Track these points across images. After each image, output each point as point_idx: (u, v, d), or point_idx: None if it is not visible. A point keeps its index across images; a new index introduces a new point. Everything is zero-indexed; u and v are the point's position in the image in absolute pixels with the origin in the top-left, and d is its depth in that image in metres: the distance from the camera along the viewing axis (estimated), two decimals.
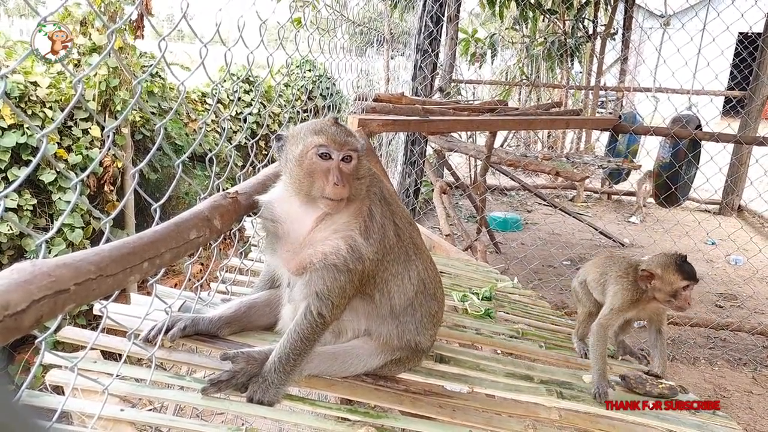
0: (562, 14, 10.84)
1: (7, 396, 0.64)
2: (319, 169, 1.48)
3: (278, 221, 1.58)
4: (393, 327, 1.68)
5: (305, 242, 1.54)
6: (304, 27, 2.74)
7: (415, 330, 1.71)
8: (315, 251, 1.51)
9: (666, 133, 5.24)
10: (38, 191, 4.05)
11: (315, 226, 1.54)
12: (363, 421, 1.48)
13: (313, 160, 1.48)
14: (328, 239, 1.51)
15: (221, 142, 2.01)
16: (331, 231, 1.52)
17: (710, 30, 5.27)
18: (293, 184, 1.51)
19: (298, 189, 1.50)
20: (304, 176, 1.48)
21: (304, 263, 1.52)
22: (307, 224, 1.55)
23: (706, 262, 7.27)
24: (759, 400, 4.41)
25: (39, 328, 0.97)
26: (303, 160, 1.49)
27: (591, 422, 1.72)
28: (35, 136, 3.87)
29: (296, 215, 1.56)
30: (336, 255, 1.48)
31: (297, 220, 1.55)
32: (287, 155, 1.54)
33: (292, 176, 1.51)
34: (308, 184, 1.48)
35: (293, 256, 1.55)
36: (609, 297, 2.19)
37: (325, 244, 1.51)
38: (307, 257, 1.51)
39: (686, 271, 2.04)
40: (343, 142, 1.50)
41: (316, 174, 1.48)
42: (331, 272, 1.49)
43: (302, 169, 1.49)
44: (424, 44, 6.85)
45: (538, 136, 12.25)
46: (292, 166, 1.51)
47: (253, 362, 1.51)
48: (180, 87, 1.62)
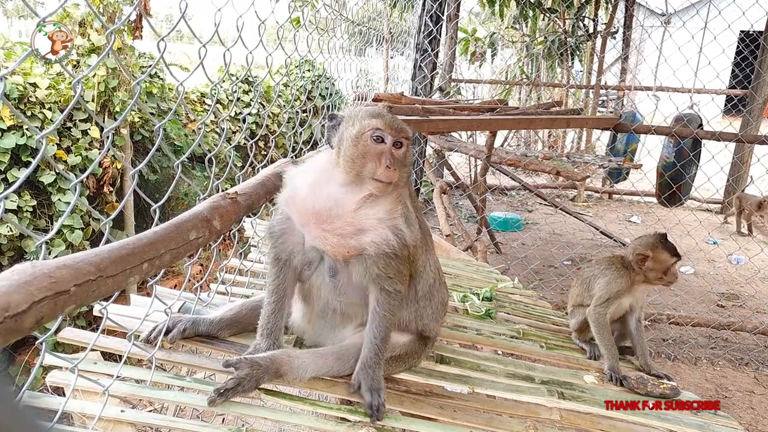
0: (562, 13, 10.83)
1: (9, 397, 0.63)
2: (372, 151, 1.51)
3: (316, 196, 1.57)
4: (413, 310, 1.76)
5: (346, 224, 1.53)
6: (303, 27, 2.73)
7: (432, 315, 1.80)
8: (365, 241, 1.53)
9: (667, 133, 5.23)
10: (38, 192, 4.05)
11: (357, 208, 1.54)
12: (363, 421, 1.47)
13: (367, 142, 1.51)
14: (376, 229, 1.54)
15: (220, 142, 2.01)
16: (377, 219, 1.55)
17: (711, 28, 5.26)
18: (346, 162, 1.52)
19: (350, 167, 1.51)
20: (358, 156, 1.51)
21: (353, 250, 1.53)
22: (349, 205, 1.54)
23: (707, 262, 7.27)
24: (761, 400, 4.41)
25: (39, 329, 0.96)
26: (359, 140, 1.52)
27: (592, 423, 1.71)
28: (35, 137, 3.88)
29: (337, 194, 1.55)
30: (387, 245, 1.53)
31: (337, 200, 1.55)
32: (342, 134, 1.56)
33: (345, 155, 1.52)
34: (360, 164, 1.50)
35: (334, 238, 1.54)
36: (600, 288, 2.33)
37: (374, 234, 1.53)
38: (358, 244, 1.53)
39: (672, 248, 2.29)
40: (397, 128, 1.55)
41: (368, 155, 1.51)
42: (383, 259, 1.54)
43: (357, 150, 1.51)
44: (423, 43, 6.84)
45: (539, 136, 12.24)
46: (348, 145, 1.52)
47: (257, 367, 1.49)
48: (179, 87, 1.61)
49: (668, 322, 4.98)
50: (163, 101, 5.17)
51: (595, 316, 2.28)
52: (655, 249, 2.28)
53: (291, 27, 2.63)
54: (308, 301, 1.72)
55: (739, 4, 5.02)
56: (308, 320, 1.74)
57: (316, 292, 1.67)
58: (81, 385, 1.41)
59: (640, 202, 9.99)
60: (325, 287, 1.65)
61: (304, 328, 1.77)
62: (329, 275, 1.62)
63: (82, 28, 4.32)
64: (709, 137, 5.22)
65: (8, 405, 0.55)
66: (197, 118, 5.43)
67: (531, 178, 10.78)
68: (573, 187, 10.52)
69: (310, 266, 1.65)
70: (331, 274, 1.61)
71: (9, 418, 0.51)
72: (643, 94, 10.11)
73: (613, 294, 2.28)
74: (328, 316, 1.71)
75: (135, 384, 1.50)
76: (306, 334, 1.78)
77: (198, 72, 1.71)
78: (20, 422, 0.52)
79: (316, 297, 1.68)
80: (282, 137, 6.02)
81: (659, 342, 5.15)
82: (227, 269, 2.19)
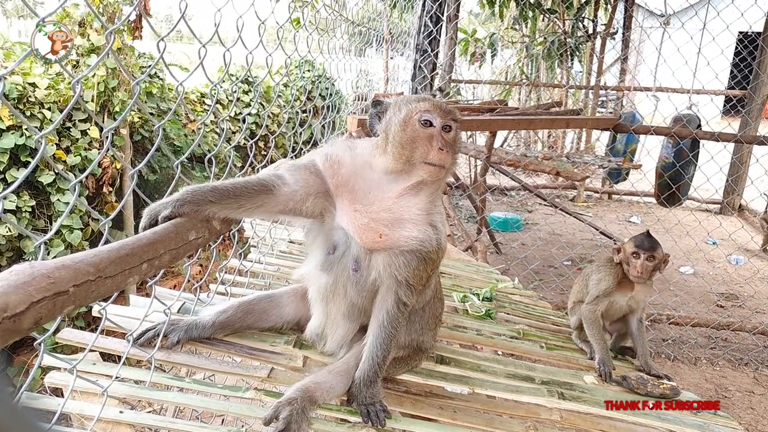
0: (561, 14, 10.83)
1: (7, 398, 0.63)
2: (422, 135, 1.47)
3: (358, 175, 1.51)
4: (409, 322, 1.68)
5: (384, 209, 1.48)
6: (303, 27, 2.73)
7: (420, 329, 1.73)
8: (401, 235, 1.46)
9: (666, 133, 5.23)
10: (37, 192, 4.05)
11: (398, 195, 1.49)
12: (363, 422, 1.47)
13: (416, 126, 1.47)
14: (415, 222, 1.48)
15: (220, 142, 2.01)
16: (418, 210, 1.49)
17: (710, 29, 5.26)
18: (395, 148, 1.46)
19: (399, 153, 1.46)
20: (407, 141, 1.46)
21: (385, 240, 1.46)
22: (390, 191, 1.49)
23: (707, 262, 7.27)
24: (760, 400, 4.40)
25: (38, 330, 0.96)
26: (407, 125, 1.47)
27: (592, 423, 1.71)
28: (34, 137, 3.87)
29: (379, 180, 1.50)
30: (422, 243, 1.47)
31: (378, 185, 1.50)
32: (389, 120, 1.51)
33: (394, 141, 1.47)
34: (410, 150, 1.46)
35: (365, 219, 1.48)
36: (593, 284, 2.38)
37: (412, 228, 1.47)
38: (392, 235, 1.46)
39: (639, 240, 2.30)
40: (446, 110, 1.51)
41: (418, 140, 1.46)
42: (414, 259, 1.47)
43: (405, 134, 1.47)
44: (423, 44, 6.84)
45: (538, 136, 12.24)
46: (396, 131, 1.48)
47: (294, 402, 1.41)
48: (179, 88, 1.61)
49: (668, 322, 4.98)
50: (163, 101, 5.17)
51: (586, 312, 2.34)
52: (628, 241, 2.34)
53: (291, 27, 2.63)
54: (332, 299, 1.60)
55: (737, 5, 5.03)
56: (332, 324, 1.63)
57: (341, 289, 1.56)
58: (80, 386, 1.41)
59: (640, 203, 9.99)
60: (349, 283, 1.55)
61: (327, 333, 1.66)
62: (353, 268, 1.52)
63: (82, 28, 4.32)
64: (708, 138, 5.22)
65: (7, 406, 0.55)
66: (197, 118, 5.42)
67: (531, 179, 10.77)
68: (573, 188, 10.52)
69: (334, 251, 1.54)
70: (355, 267, 1.52)
71: (8, 418, 0.51)
72: (642, 94, 10.11)
73: (603, 291, 2.32)
74: (354, 316, 1.61)
75: (134, 385, 1.50)
76: (327, 340, 1.68)
77: (198, 72, 1.71)
78: (19, 423, 0.52)
79: (341, 295, 1.57)
80: (282, 137, 6.02)
81: (659, 342, 5.15)
82: (227, 270, 2.19)
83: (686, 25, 5.18)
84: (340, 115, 5.07)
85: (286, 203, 1.50)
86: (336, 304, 1.60)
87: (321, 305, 1.65)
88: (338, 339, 1.66)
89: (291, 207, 1.50)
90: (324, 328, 1.67)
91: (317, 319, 1.68)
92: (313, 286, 1.66)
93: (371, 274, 1.51)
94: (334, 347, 1.68)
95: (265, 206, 1.49)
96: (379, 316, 1.53)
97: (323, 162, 1.53)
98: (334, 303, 1.61)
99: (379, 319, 1.53)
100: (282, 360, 1.68)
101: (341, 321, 1.63)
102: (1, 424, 0.50)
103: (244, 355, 1.68)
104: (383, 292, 1.52)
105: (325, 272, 1.58)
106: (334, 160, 1.53)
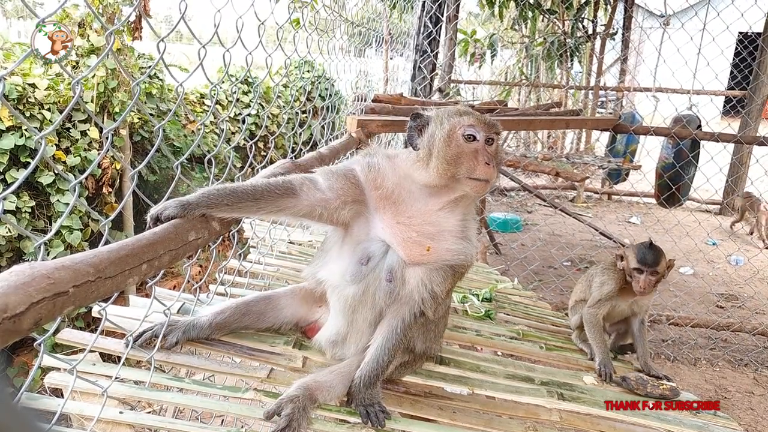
0: (561, 14, 10.84)
1: (7, 398, 0.63)
2: (467, 150, 1.44)
3: (401, 187, 1.48)
4: (421, 333, 1.65)
5: (426, 222, 1.46)
6: (303, 28, 2.73)
7: (434, 337, 1.72)
8: (442, 247, 1.45)
9: (666, 133, 5.23)
10: (37, 193, 4.05)
11: (439, 208, 1.48)
12: (363, 422, 1.47)
13: (460, 141, 1.44)
14: (455, 235, 1.47)
15: (220, 143, 2.00)
16: (457, 222, 1.48)
17: (710, 29, 5.26)
18: (440, 164, 1.43)
19: (444, 169, 1.43)
20: (452, 156, 1.43)
21: (430, 253, 1.45)
22: (431, 207, 1.48)
23: (706, 263, 7.27)
24: (760, 400, 4.40)
25: (38, 330, 0.96)
26: (450, 139, 1.45)
27: (592, 423, 1.71)
28: (34, 138, 3.87)
29: (419, 193, 1.48)
30: (459, 256, 1.47)
31: (419, 199, 1.48)
32: (432, 135, 1.48)
33: (438, 157, 1.44)
34: (455, 165, 1.43)
35: (411, 232, 1.46)
36: (596, 287, 2.37)
37: (452, 241, 1.46)
38: (435, 248, 1.45)
39: (641, 254, 2.23)
40: (489, 123, 1.48)
41: (463, 155, 1.44)
42: (450, 272, 1.47)
43: (450, 149, 1.44)
44: (423, 44, 6.85)
45: (538, 137, 12.24)
46: (440, 146, 1.44)
47: (297, 400, 1.41)
48: (178, 88, 1.61)
49: (668, 322, 4.98)
50: (163, 102, 5.17)
51: (588, 315, 2.33)
52: (631, 250, 2.27)
53: (291, 28, 2.63)
54: (360, 309, 1.54)
55: (737, 5, 5.03)
56: (357, 332, 1.59)
57: (371, 298, 1.51)
58: (79, 387, 1.40)
59: (640, 203, 10.00)
60: (379, 293, 1.49)
61: (350, 341, 1.62)
62: (387, 279, 1.47)
63: (82, 28, 4.32)
64: (708, 138, 5.22)
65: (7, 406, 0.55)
66: (197, 119, 5.42)
67: (530, 179, 10.77)
68: (572, 188, 10.52)
69: (368, 261, 1.49)
70: (389, 278, 1.47)
71: (8, 419, 0.51)
72: (642, 95, 10.11)
73: (605, 295, 2.30)
74: (377, 324, 1.56)
75: (134, 385, 1.50)
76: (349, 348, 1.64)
77: (197, 73, 1.71)
78: (19, 423, 0.52)
79: (370, 305, 1.52)
80: (281, 138, 6.02)
81: (659, 343, 5.15)
82: (226, 270, 2.19)
83: (686, 26, 5.19)
84: (340, 115, 5.07)
85: (313, 208, 1.47)
86: (363, 313, 1.56)
87: (345, 314, 1.60)
88: (361, 347, 1.62)
89: (318, 213, 1.47)
90: (347, 336, 1.63)
91: (338, 326, 1.63)
92: (337, 295, 1.60)
93: (406, 286, 1.48)
94: (354, 353, 1.64)
95: (287, 210, 1.46)
96: (393, 322, 1.51)
97: (365, 172, 1.51)
98: (362, 312, 1.57)
99: (392, 324, 1.51)
100: (281, 360, 1.68)
101: (366, 329, 1.59)
102: (1, 424, 0.50)
103: (243, 355, 1.68)
104: (406, 300, 1.50)
105: (355, 282, 1.53)
106: (378, 171, 1.51)
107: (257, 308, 1.77)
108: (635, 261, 2.23)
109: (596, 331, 2.27)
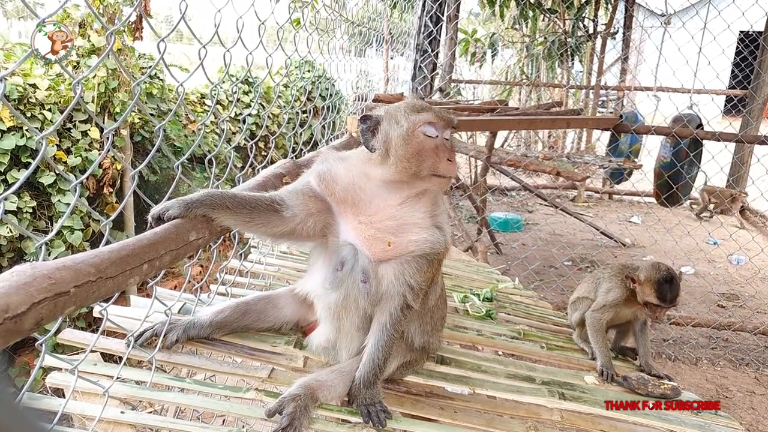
0: (562, 13, 10.83)
1: (9, 398, 0.63)
2: (427, 147, 1.42)
3: (356, 187, 1.48)
4: (417, 325, 1.66)
5: (388, 217, 1.46)
6: (303, 28, 2.73)
7: (431, 330, 1.72)
8: (408, 239, 1.45)
9: (667, 133, 5.23)
10: (38, 193, 4.05)
11: (400, 202, 1.47)
12: (364, 422, 1.47)
13: (420, 139, 1.43)
14: (421, 225, 1.46)
15: (220, 143, 2.01)
16: (423, 214, 1.48)
17: (711, 28, 5.25)
18: (401, 163, 1.42)
19: (406, 168, 1.42)
20: (413, 155, 1.41)
21: (393, 248, 1.45)
22: (392, 199, 1.48)
23: (707, 262, 7.26)
24: (761, 400, 4.40)
25: (39, 330, 0.96)
26: (410, 138, 1.43)
27: (593, 423, 1.71)
28: (34, 138, 3.88)
29: (379, 191, 1.47)
30: (431, 245, 1.45)
31: (379, 195, 1.47)
32: (387, 134, 1.45)
33: (398, 156, 1.42)
34: (417, 163, 1.41)
35: (371, 230, 1.46)
36: (602, 293, 2.36)
37: (419, 231, 1.46)
38: (399, 243, 1.45)
39: (662, 293, 2.16)
40: (447, 118, 1.47)
41: (424, 152, 1.42)
42: (423, 262, 1.46)
43: (410, 148, 1.42)
44: (423, 44, 6.84)
45: (539, 136, 12.23)
46: (399, 145, 1.42)
47: (298, 399, 1.42)
48: (179, 88, 1.61)
49: (669, 322, 4.97)
50: (163, 102, 5.17)
51: (591, 320, 2.32)
52: (647, 281, 2.20)
53: (291, 28, 2.63)
54: (345, 314, 1.56)
55: (738, 4, 5.02)
56: (346, 337, 1.60)
57: (353, 303, 1.53)
58: (81, 387, 1.41)
59: (641, 203, 9.98)
60: (360, 296, 1.51)
61: (341, 347, 1.63)
62: (362, 280, 1.49)
63: (82, 29, 4.32)
64: (709, 137, 5.21)
65: (8, 406, 0.55)
66: (197, 119, 5.43)
67: (531, 179, 10.76)
68: (573, 188, 10.51)
69: (342, 267, 1.52)
70: (363, 279, 1.49)
71: (9, 419, 0.51)
72: (643, 94, 10.10)
73: (609, 302, 2.30)
74: (366, 326, 1.56)
75: (135, 385, 1.50)
76: (341, 353, 1.64)
77: (198, 73, 1.71)
78: (20, 423, 0.52)
79: (353, 309, 1.54)
80: (282, 138, 6.02)
81: (660, 342, 5.14)
82: (227, 270, 2.19)
83: (687, 25, 5.18)
84: (340, 115, 5.08)
85: (287, 224, 1.50)
86: (349, 318, 1.57)
87: (332, 321, 1.61)
88: (353, 351, 1.62)
89: (292, 228, 1.50)
90: (337, 342, 1.63)
91: (327, 333, 1.64)
92: (322, 303, 1.62)
93: (381, 284, 1.49)
94: (346, 358, 1.64)
95: (272, 224, 1.50)
96: (381, 319, 1.52)
97: (317, 182, 1.52)
98: (347, 317, 1.57)
99: (381, 321, 1.52)
100: (282, 360, 1.68)
101: (355, 333, 1.60)
102: (3, 424, 0.50)
103: (244, 355, 1.69)
104: (388, 296, 1.51)
105: (334, 289, 1.55)
106: (328, 178, 1.51)
107: (257, 307, 1.77)
108: (654, 297, 2.17)
109: (599, 335, 2.27)
